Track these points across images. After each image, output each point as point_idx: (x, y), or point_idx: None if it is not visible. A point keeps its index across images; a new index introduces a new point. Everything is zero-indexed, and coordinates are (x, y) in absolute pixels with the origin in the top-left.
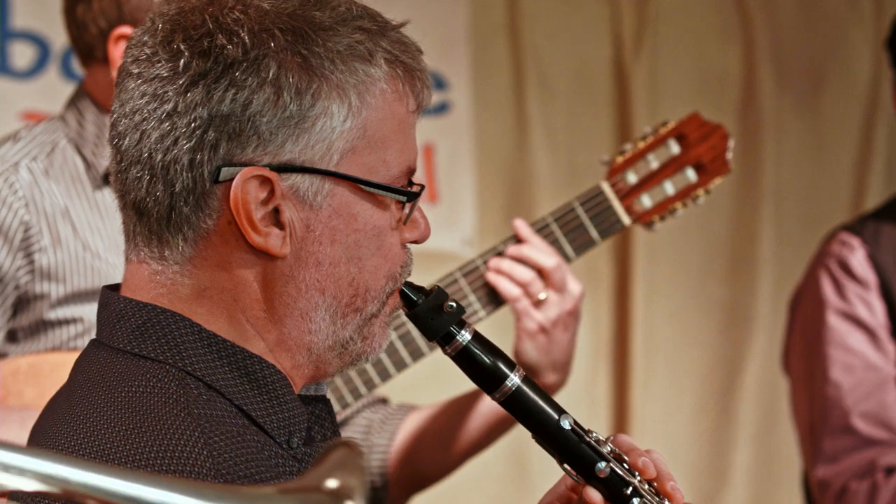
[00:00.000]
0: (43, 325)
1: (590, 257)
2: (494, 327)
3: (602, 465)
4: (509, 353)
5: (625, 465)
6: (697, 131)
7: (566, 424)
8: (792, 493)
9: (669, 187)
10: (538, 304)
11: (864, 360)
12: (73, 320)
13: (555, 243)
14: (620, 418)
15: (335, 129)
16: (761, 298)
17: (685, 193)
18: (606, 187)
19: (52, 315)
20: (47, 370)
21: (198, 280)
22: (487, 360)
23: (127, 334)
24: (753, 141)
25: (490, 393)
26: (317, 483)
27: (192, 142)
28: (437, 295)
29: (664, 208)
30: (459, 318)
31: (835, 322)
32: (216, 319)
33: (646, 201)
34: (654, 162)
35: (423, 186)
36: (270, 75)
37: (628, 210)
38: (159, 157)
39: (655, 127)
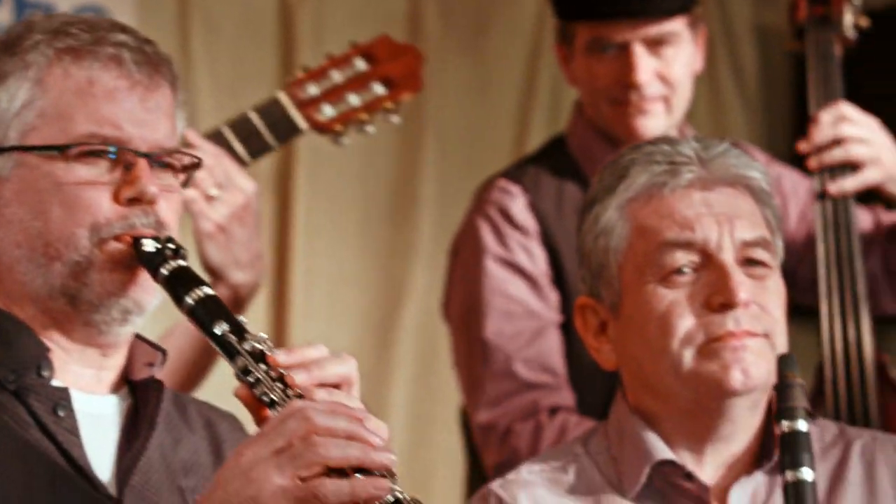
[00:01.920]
0: None
1: None
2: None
3: (238, 361)
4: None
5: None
6: (387, 51)
7: (218, 330)
8: (450, 431)
9: (355, 99)
10: (211, 201)
11: (524, 307)
12: None
13: (229, 149)
14: None
15: (7, 112)
16: (422, 238)
17: (372, 106)
18: (283, 96)
19: None
20: None
21: None
22: (179, 280)
23: None
24: None
25: (180, 308)
26: None
27: None
28: (156, 239)
29: (348, 118)
30: (165, 255)
31: (495, 269)
32: None
33: (328, 111)
34: (338, 77)
35: (109, 148)
36: None
37: (308, 118)
38: None
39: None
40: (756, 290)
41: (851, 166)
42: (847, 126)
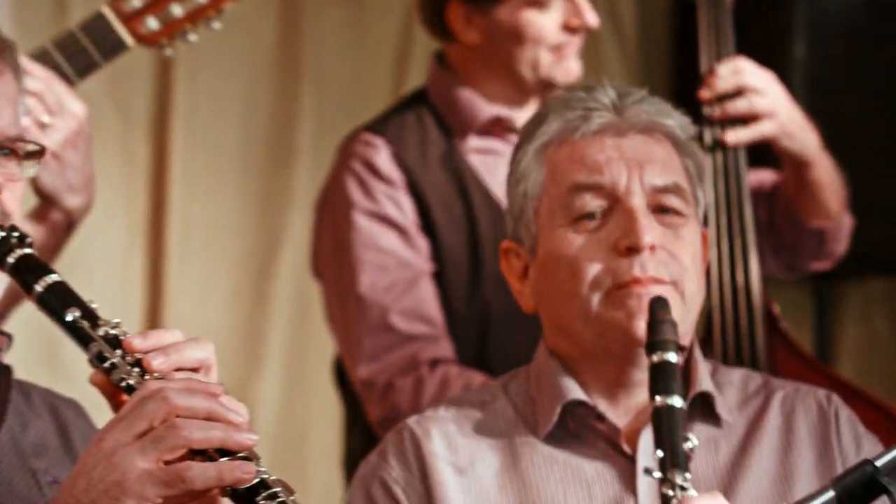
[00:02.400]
0: None
1: (125, 139)
2: None
3: (92, 347)
4: None
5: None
6: None
7: (70, 317)
8: (327, 378)
9: (177, 9)
10: (44, 129)
11: (397, 258)
12: None
13: (56, 68)
14: (155, 302)
15: None
16: (299, 185)
17: (195, 14)
18: (107, 11)
19: None
20: None
21: None
22: (26, 268)
23: None
24: (294, 29)
25: (29, 297)
26: None
27: None
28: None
29: (173, 29)
30: (11, 244)
31: (364, 223)
32: None
33: (152, 23)
34: None
35: None
36: None
37: (132, 32)
38: None
39: None
40: (667, 236)
41: (743, 119)
42: (748, 76)
